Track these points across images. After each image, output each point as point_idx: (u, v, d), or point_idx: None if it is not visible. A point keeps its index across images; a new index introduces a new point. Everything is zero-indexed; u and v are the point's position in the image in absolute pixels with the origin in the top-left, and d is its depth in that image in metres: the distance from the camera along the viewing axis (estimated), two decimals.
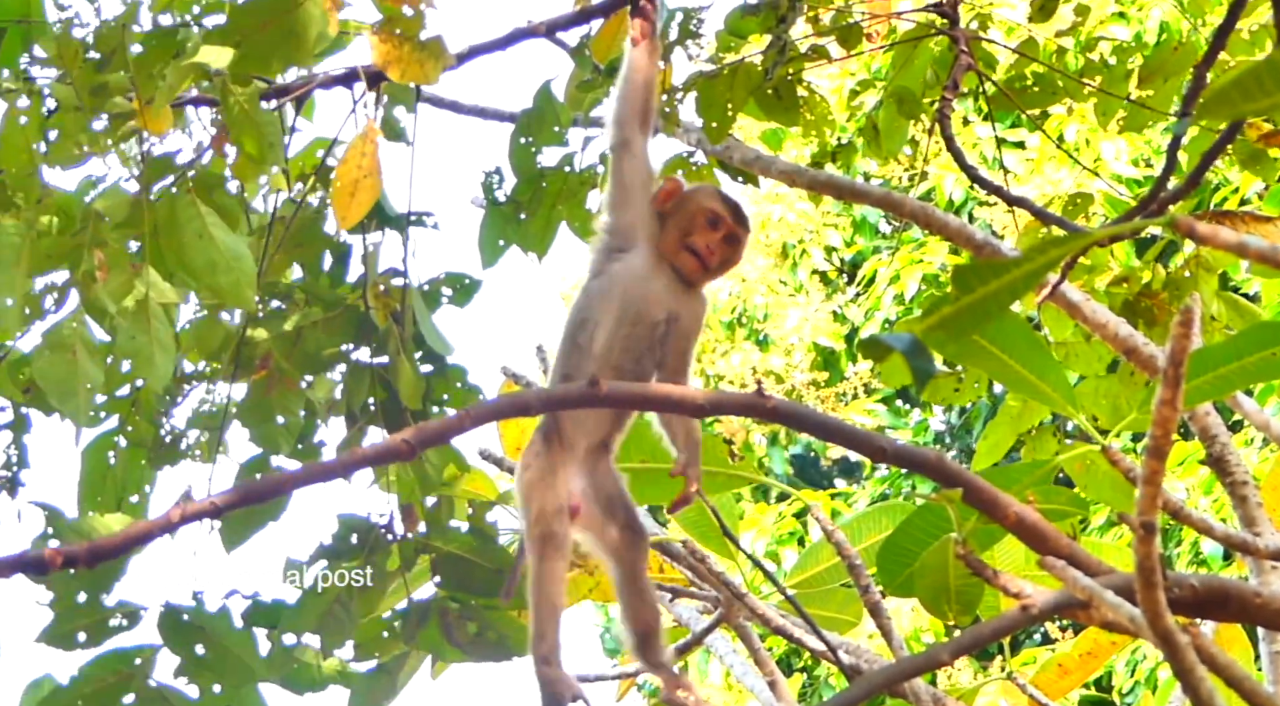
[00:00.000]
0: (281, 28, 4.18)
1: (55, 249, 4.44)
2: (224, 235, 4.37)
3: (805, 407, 3.67)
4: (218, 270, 4.34)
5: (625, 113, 4.27)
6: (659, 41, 4.39)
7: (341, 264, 4.87)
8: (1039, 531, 3.51)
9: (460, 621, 4.78)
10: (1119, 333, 5.58)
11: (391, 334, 4.71)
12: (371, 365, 4.79)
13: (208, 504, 3.33)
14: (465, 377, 4.84)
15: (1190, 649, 2.79)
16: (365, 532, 4.78)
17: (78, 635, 4.60)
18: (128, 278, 4.43)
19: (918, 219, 6.13)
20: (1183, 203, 5.09)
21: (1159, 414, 2.57)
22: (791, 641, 5.35)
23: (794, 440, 18.16)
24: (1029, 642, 14.99)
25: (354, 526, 4.79)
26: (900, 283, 16.91)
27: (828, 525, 5.01)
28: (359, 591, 4.71)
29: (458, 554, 4.80)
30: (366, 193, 4.39)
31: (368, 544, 4.77)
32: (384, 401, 4.77)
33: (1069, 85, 5.85)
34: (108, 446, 4.86)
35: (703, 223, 4.21)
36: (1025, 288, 2.28)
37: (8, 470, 4.79)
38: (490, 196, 5.16)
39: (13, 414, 4.83)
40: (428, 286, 4.86)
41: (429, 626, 4.78)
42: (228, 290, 4.37)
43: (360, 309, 4.76)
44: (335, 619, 4.69)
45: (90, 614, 4.59)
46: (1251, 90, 2.13)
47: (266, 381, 4.72)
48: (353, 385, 4.78)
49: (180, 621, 4.63)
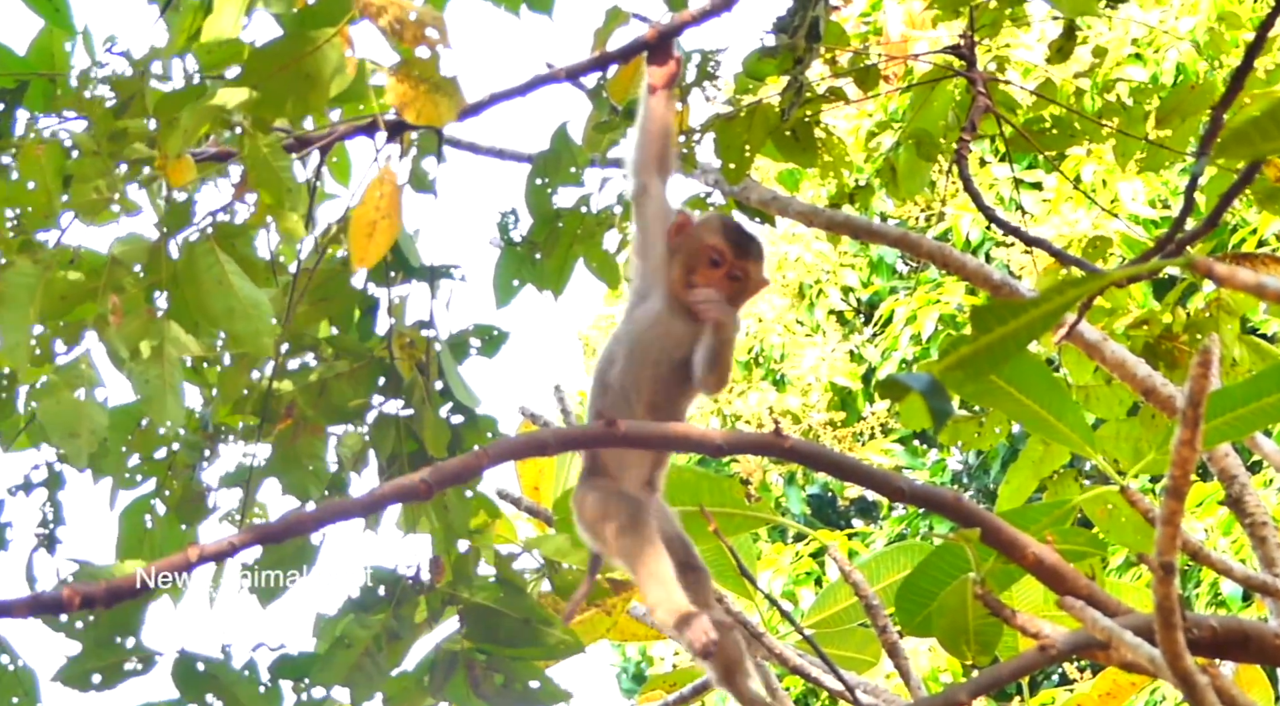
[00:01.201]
0: (298, 71, 4.19)
1: (70, 291, 4.45)
2: (242, 283, 4.38)
3: (822, 447, 3.67)
4: (235, 317, 4.35)
5: (643, 159, 4.29)
6: (676, 89, 4.40)
7: (369, 317, 4.87)
8: (1058, 571, 3.51)
9: (487, 672, 4.76)
10: (1138, 373, 5.57)
11: (417, 385, 4.71)
12: (398, 416, 4.79)
13: (225, 543, 3.33)
14: (496, 427, 4.83)
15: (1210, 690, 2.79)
16: (393, 584, 4.78)
17: (93, 676, 4.60)
18: (144, 322, 4.44)
19: (935, 259, 6.14)
20: (1201, 244, 5.10)
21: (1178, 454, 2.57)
22: (809, 681, 5.34)
23: (811, 480, 18.13)
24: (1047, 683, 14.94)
25: (382, 578, 4.78)
26: (917, 323, 16.91)
27: (845, 565, 5.00)
28: (388, 643, 4.70)
29: (485, 604, 4.79)
30: (384, 234, 4.40)
31: (395, 595, 4.76)
32: (412, 453, 4.77)
33: (1087, 126, 5.86)
34: (144, 509, 4.86)
35: (705, 261, 4.21)
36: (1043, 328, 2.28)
37: (44, 528, 4.80)
38: (506, 237, 5.17)
39: (46, 471, 4.84)
40: (455, 338, 4.86)
41: (456, 678, 4.77)
42: (246, 337, 4.38)
43: (385, 361, 4.77)
44: (364, 671, 4.68)
45: (106, 655, 4.59)
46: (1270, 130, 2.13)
47: (292, 430, 4.73)
48: (379, 436, 4.78)
49: (194, 670, 4.62)
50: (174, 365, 4.41)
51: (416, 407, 4.72)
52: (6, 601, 3.20)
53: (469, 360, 4.86)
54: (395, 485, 3.54)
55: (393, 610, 4.74)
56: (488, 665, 4.76)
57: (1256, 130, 2.13)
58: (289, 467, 4.75)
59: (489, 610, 4.78)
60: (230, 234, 4.43)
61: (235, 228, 4.45)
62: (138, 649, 4.61)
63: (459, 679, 4.76)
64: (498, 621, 4.74)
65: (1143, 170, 5.94)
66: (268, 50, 4.23)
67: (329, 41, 4.21)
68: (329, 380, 4.73)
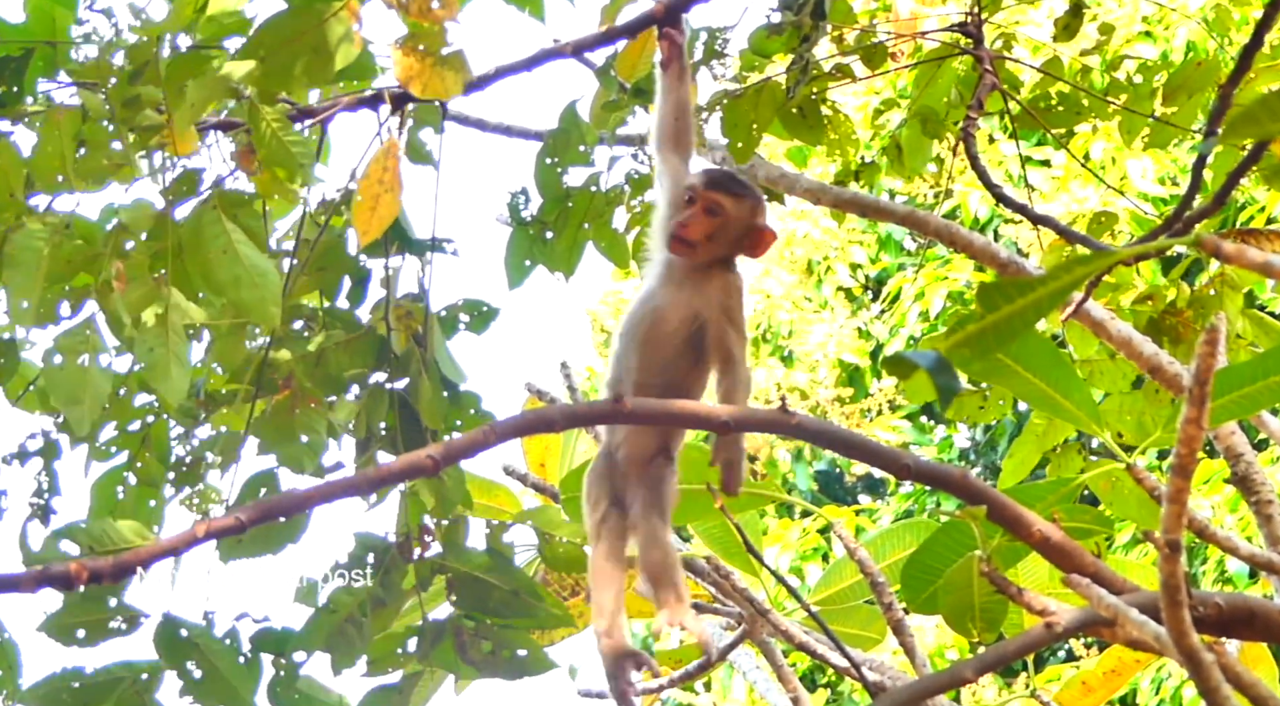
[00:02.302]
0: (306, 43, 4.19)
1: (77, 256, 4.45)
2: (249, 251, 4.38)
3: (830, 424, 3.68)
4: (242, 286, 4.35)
5: (658, 137, 4.27)
6: (687, 62, 4.38)
7: (360, 287, 4.86)
8: (1064, 549, 3.51)
9: (475, 639, 4.77)
10: (1144, 351, 5.58)
11: (413, 356, 4.70)
12: (392, 389, 4.78)
13: (232, 520, 3.34)
14: (479, 404, 4.82)
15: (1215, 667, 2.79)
16: (381, 552, 4.78)
17: (78, 630, 4.60)
18: (148, 290, 4.44)
19: (942, 237, 6.14)
20: (1208, 221, 5.09)
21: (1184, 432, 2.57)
22: (815, 657, 5.35)
23: (818, 456, 18.13)
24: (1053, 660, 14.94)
25: (370, 545, 4.78)
26: (925, 299, 16.89)
27: (850, 543, 5.01)
28: (373, 610, 4.70)
29: (474, 574, 4.79)
30: (387, 207, 4.39)
31: (383, 563, 4.76)
32: (397, 426, 4.76)
33: (1094, 104, 5.85)
34: (117, 481, 4.86)
35: (681, 203, 4.17)
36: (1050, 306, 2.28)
37: (39, 497, 4.81)
38: (516, 217, 5.17)
39: (43, 440, 4.84)
40: (445, 313, 4.86)
41: (443, 644, 4.76)
42: (252, 306, 4.37)
43: (381, 332, 4.76)
44: (346, 637, 4.68)
45: (92, 611, 4.59)
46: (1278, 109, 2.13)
47: (290, 401, 4.72)
48: (371, 407, 4.77)
49: (177, 635, 4.62)
50: (178, 334, 4.41)
51: (413, 378, 4.71)
52: (13, 575, 3.21)
53: (467, 339, 4.87)
54: (403, 461, 3.54)
55: (380, 577, 4.73)
56: (476, 632, 4.76)
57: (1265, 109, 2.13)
58: (285, 440, 4.73)
59: (478, 580, 4.77)
60: (235, 203, 4.43)
61: (241, 196, 4.45)
62: (122, 608, 4.62)
63: (446, 645, 4.75)
64: (487, 592, 4.74)
65: (1149, 146, 5.94)
66: (275, 22, 4.23)
67: (336, 14, 4.21)
68: (326, 350, 4.73)
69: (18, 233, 4.37)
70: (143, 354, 4.40)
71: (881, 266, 18.59)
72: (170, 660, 4.63)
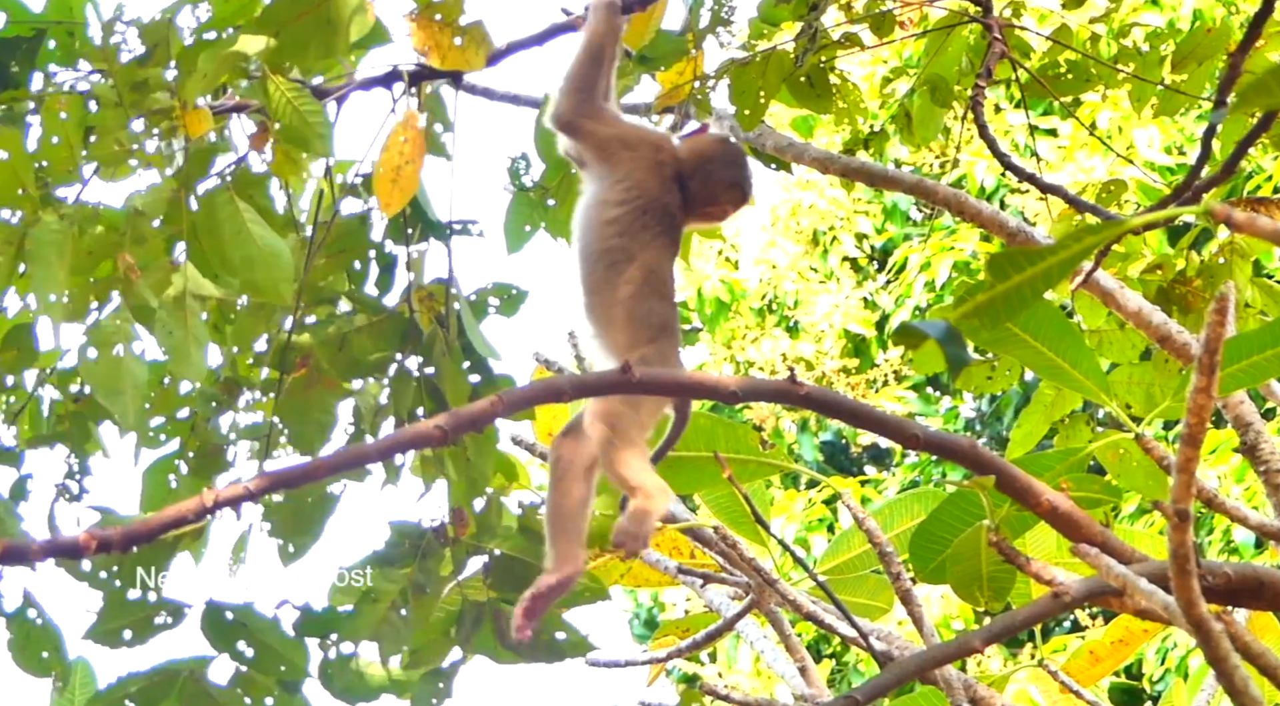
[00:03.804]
0: (318, 17, 4.18)
1: (97, 246, 4.45)
2: (262, 231, 4.37)
3: (837, 394, 3.68)
4: (255, 266, 4.34)
5: None
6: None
7: (387, 274, 4.84)
8: (1072, 519, 3.51)
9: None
10: (1152, 320, 5.56)
11: (437, 337, 4.69)
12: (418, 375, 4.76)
13: (241, 488, 3.34)
14: (513, 385, 4.81)
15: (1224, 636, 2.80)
16: (417, 538, 4.77)
17: (124, 632, 4.62)
18: (165, 274, 4.44)
19: (950, 205, 6.12)
20: (1216, 190, 5.08)
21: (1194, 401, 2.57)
22: (822, 627, 5.35)
23: (824, 427, 18.13)
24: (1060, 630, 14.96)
25: (405, 533, 4.77)
26: (931, 270, 16.86)
27: (859, 512, 5.01)
28: (414, 596, 4.70)
29: (509, 554, 4.78)
30: (408, 179, 4.38)
31: (420, 549, 4.76)
32: (431, 411, 4.75)
33: (1102, 72, 5.84)
34: (169, 469, 4.84)
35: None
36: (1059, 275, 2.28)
37: (70, 479, 4.79)
38: (517, 181, 5.15)
39: (69, 423, 4.82)
40: (474, 297, 4.83)
41: (482, 630, 4.76)
42: (265, 286, 4.37)
43: (405, 315, 4.75)
44: (391, 626, 4.68)
45: (135, 611, 4.60)
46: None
47: (306, 380, 4.71)
48: (399, 389, 4.76)
49: (224, 619, 4.63)
50: (195, 316, 4.41)
51: (437, 360, 4.70)
52: (23, 544, 3.21)
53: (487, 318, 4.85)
54: (410, 431, 3.54)
55: (417, 564, 4.73)
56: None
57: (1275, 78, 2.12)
58: (297, 418, 4.73)
59: (513, 559, 4.77)
60: (249, 183, 4.42)
61: (254, 176, 4.44)
62: (163, 603, 4.63)
63: (486, 630, 4.76)
64: (524, 570, 4.73)
65: (1158, 114, 5.92)
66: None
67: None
68: (349, 334, 4.72)
69: (36, 226, 4.35)
70: (162, 338, 4.39)
71: (888, 237, 18.56)
72: (221, 644, 4.63)
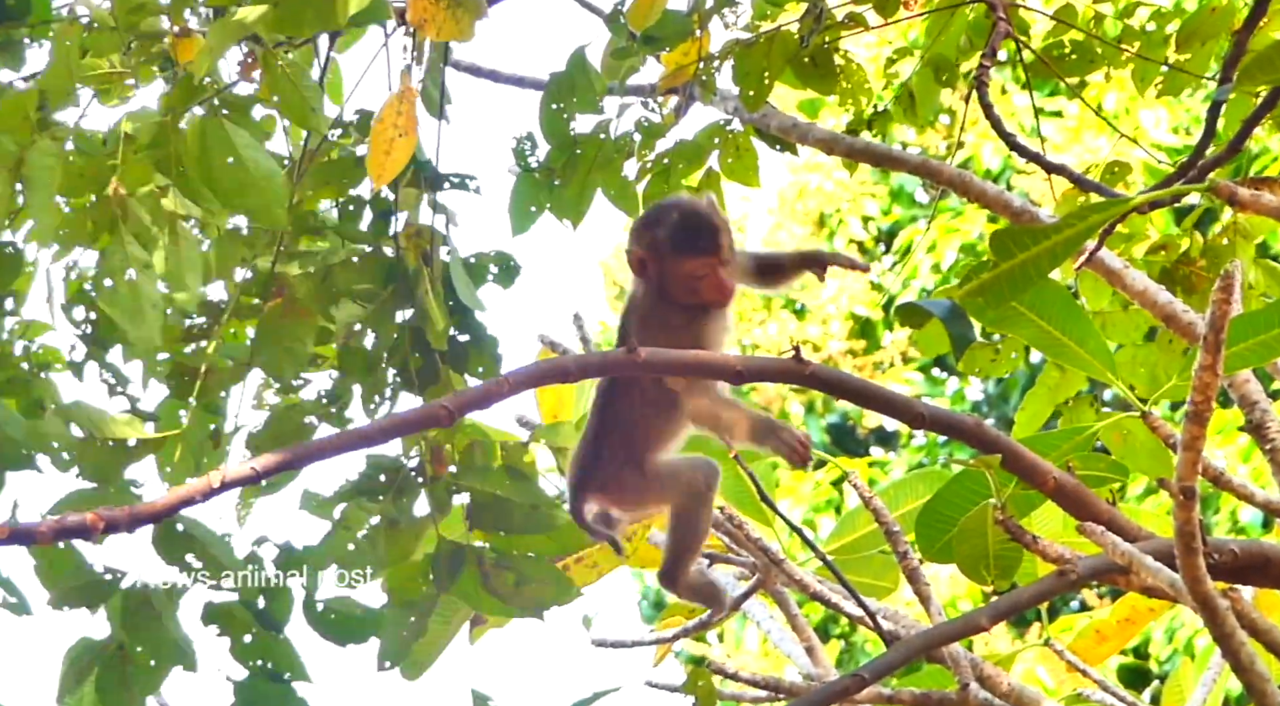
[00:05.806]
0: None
1: (87, 169, 4.43)
2: (255, 156, 4.35)
3: (843, 373, 3.65)
4: (247, 191, 4.33)
5: None
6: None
7: (384, 220, 4.78)
8: (1078, 497, 3.51)
9: (498, 570, 4.67)
10: (1157, 300, 5.56)
11: (421, 275, 4.64)
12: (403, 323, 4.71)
13: (249, 470, 3.34)
14: (496, 349, 4.76)
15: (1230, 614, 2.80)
16: (394, 473, 4.71)
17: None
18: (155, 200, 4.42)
19: (955, 186, 6.12)
20: (1221, 169, 5.07)
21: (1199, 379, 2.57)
22: (829, 607, 5.35)
23: (831, 408, 18.15)
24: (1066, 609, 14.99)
25: (383, 466, 4.71)
26: (937, 252, 16.86)
27: (865, 492, 5.01)
28: (387, 529, 4.63)
29: (491, 493, 4.70)
30: (402, 151, 4.37)
31: (396, 484, 4.69)
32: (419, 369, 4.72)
33: (1107, 52, 5.83)
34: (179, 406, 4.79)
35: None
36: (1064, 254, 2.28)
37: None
38: (523, 163, 5.15)
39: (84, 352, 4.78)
40: (475, 259, 4.79)
41: (465, 574, 4.68)
42: (259, 210, 4.34)
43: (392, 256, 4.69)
44: (361, 554, 4.61)
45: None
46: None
47: (282, 308, 4.66)
48: (379, 322, 4.68)
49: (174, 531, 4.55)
50: (188, 239, 4.41)
51: (420, 298, 4.64)
52: (31, 525, 3.21)
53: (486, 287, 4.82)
54: (417, 412, 3.55)
55: (393, 498, 4.68)
56: (498, 563, 4.68)
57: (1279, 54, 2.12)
58: (268, 345, 4.66)
59: (496, 499, 4.70)
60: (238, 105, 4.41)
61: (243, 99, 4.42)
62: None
63: (468, 574, 4.67)
64: (507, 510, 4.68)
65: (1162, 93, 5.92)
66: None
67: None
68: (333, 265, 4.67)
69: (32, 151, 4.34)
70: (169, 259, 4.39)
71: (893, 219, 18.56)
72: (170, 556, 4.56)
